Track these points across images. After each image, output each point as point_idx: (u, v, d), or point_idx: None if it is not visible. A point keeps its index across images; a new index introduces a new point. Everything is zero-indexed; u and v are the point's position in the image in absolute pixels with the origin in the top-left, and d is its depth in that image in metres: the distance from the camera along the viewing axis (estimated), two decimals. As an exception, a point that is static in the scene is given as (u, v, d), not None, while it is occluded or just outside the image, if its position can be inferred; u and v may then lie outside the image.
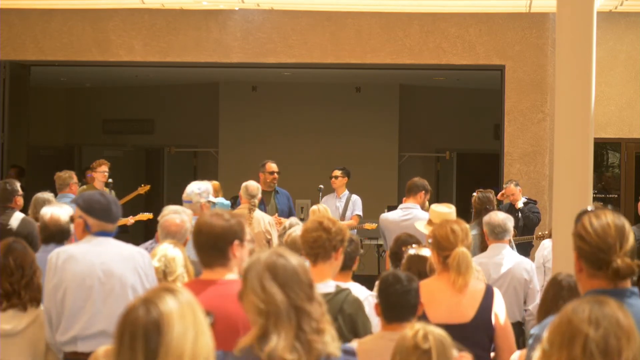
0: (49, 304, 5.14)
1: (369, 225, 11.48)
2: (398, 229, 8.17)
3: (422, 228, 7.24)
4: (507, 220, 7.24)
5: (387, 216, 9.19)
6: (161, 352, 2.35)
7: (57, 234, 6.20)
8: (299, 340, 2.88)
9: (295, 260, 3.00)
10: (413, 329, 3.27)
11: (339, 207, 11.67)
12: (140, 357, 2.34)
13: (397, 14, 12.36)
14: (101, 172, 11.44)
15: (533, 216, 10.82)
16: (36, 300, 5.06)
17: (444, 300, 4.88)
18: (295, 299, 2.92)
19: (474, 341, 4.86)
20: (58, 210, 6.28)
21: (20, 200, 8.42)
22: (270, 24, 12.55)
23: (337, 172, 11.84)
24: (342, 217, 11.54)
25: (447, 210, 6.95)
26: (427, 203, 9.19)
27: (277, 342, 2.88)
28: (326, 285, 4.69)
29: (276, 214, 10.50)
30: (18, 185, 8.51)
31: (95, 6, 12.35)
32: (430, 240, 5.22)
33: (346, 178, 11.80)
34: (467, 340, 4.77)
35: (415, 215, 8.69)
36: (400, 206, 9.11)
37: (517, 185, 11.04)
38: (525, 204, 10.94)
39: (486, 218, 7.34)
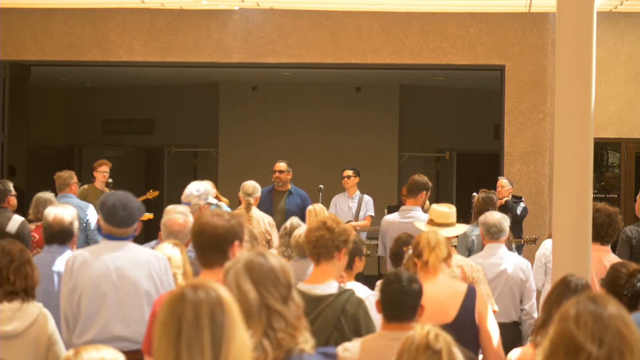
0: (66, 306, 5.19)
1: None
2: (399, 230, 8.16)
3: (423, 227, 7.25)
4: (502, 220, 7.24)
5: (387, 218, 9.17)
6: (228, 329, 2.42)
7: (60, 235, 6.18)
8: (268, 338, 2.89)
9: (275, 260, 3.01)
10: (422, 329, 3.26)
11: (352, 207, 11.59)
12: (207, 334, 2.39)
13: (397, 14, 12.36)
14: (101, 172, 11.46)
15: (520, 209, 10.85)
16: (30, 289, 5.02)
17: (424, 300, 4.87)
18: (268, 298, 2.93)
19: (459, 342, 4.86)
20: (62, 210, 6.26)
21: (13, 200, 8.39)
22: (270, 24, 12.55)
23: (349, 172, 11.68)
24: (356, 218, 11.51)
25: (447, 210, 6.97)
26: (427, 202, 9.16)
27: None
28: (328, 286, 4.68)
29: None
30: (11, 185, 8.49)
31: (95, 6, 12.35)
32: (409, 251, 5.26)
33: (358, 178, 11.73)
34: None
35: (417, 217, 8.66)
36: (401, 208, 9.05)
37: (509, 183, 11.11)
38: (513, 202, 11.00)
39: (482, 218, 7.36)
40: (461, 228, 6.82)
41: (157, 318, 2.47)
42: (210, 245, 4.05)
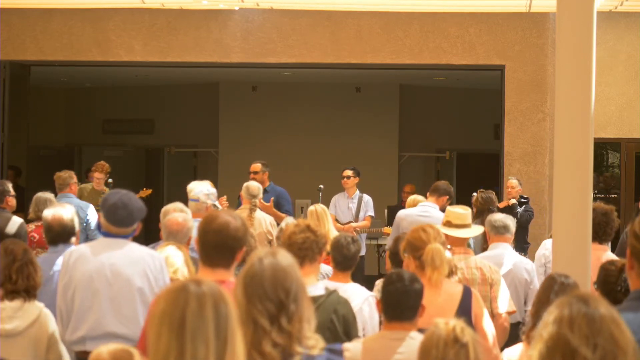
0: (61, 301, 5.21)
1: (388, 229, 11.36)
2: (413, 222, 8.22)
3: (439, 229, 7.24)
4: (507, 218, 7.26)
5: (405, 211, 9.20)
6: (232, 324, 2.40)
7: (63, 234, 6.15)
8: (255, 349, 2.88)
9: (270, 272, 2.97)
10: (446, 324, 3.27)
11: (352, 207, 11.53)
12: (211, 325, 2.37)
13: (397, 14, 12.36)
14: (95, 179, 11.43)
15: (525, 213, 10.86)
16: (32, 289, 5.03)
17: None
18: (255, 312, 2.91)
19: None
20: (60, 210, 6.25)
21: (11, 201, 8.39)
22: (270, 24, 12.55)
23: (349, 172, 11.60)
24: (356, 218, 11.47)
25: (463, 211, 6.97)
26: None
27: None
28: (316, 288, 4.68)
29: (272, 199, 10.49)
30: (10, 185, 8.48)
31: (95, 6, 12.35)
32: (405, 252, 5.22)
33: (357, 178, 11.66)
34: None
35: (432, 215, 8.68)
36: (420, 204, 9.14)
37: (519, 183, 11.11)
38: (520, 204, 10.97)
39: (488, 217, 7.38)
40: (477, 229, 6.77)
41: (156, 309, 2.40)
42: (227, 245, 3.98)
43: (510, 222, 7.27)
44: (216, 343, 2.36)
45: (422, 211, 8.92)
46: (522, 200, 11.10)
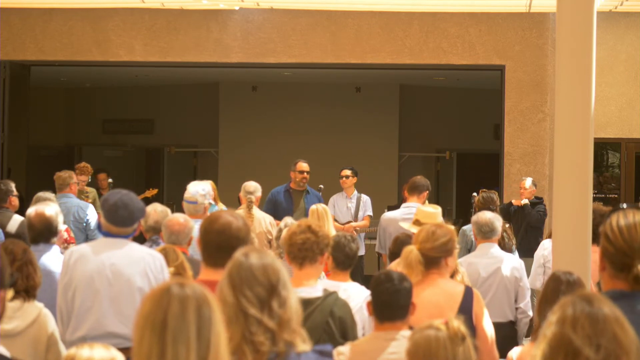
0: (61, 301, 5.21)
1: None
2: (400, 227, 8.19)
3: (409, 227, 7.24)
4: (494, 219, 7.24)
5: (389, 215, 9.19)
6: (216, 327, 2.40)
7: (44, 232, 6.06)
8: (246, 342, 2.88)
9: (257, 260, 2.97)
10: (447, 324, 3.26)
11: (351, 207, 11.50)
12: (193, 328, 2.37)
13: (397, 14, 12.36)
14: (79, 181, 11.34)
15: (535, 213, 10.79)
16: (31, 289, 5.02)
17: (422, 304, 4.84)
18: (243, 302, 2.91)
19: None
20: (42, 207, 6.17)
21: (15, 201, 8.38)
22: (270, 24, 12.55)
23: (348, 172, 11.55)
24: (355, 218, 11.46)
25: (433, 210, 6.99)
26: (426, 202, 9.21)
27: None
28: (314, 289, 4.66)
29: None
30: (13, 185, 8.48)
31: (95, 6, 12.35)
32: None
33: (356, 178, 11.63)
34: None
35: None
36: (403, 205, 9.13)
37: (533, 183, 11.00)
38: (533, 204, 10.89)
39: (474, 218, 7.37)
40: None
41: (140, 310, 2.43)
42: (227, 245, 3.96)
43: (497, 222, 7.25)
44: (198, 345, 2.37)
45: (405, 213, 8.88)
46: (536, 200, 11.02)
